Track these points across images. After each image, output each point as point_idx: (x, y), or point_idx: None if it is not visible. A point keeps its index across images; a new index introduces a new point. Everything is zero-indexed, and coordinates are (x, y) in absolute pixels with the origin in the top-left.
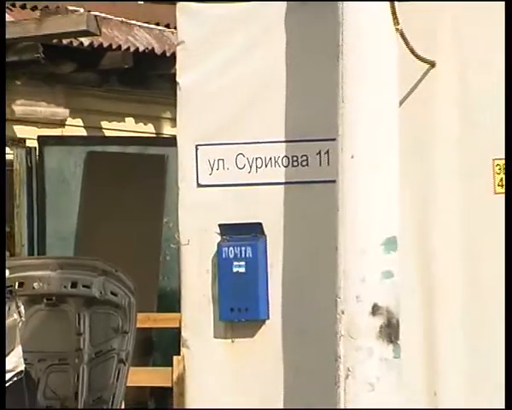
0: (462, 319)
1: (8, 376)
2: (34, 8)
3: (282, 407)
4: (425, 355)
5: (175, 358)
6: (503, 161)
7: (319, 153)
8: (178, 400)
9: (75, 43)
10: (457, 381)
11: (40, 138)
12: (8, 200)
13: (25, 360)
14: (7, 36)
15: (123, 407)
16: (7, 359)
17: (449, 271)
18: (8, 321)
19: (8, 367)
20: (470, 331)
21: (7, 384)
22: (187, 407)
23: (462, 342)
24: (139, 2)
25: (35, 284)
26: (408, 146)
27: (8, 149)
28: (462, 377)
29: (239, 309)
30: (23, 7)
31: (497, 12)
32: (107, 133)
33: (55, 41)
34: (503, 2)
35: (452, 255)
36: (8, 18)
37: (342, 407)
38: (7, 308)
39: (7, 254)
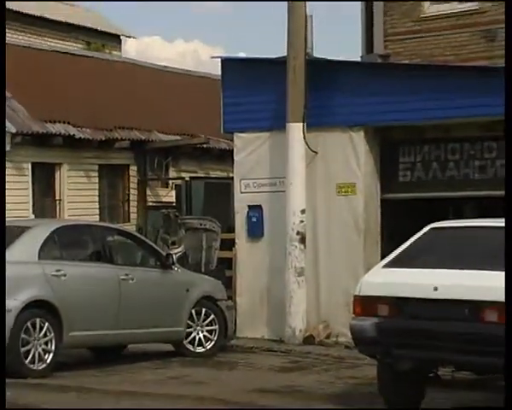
0: (325, 247)
1: (179, 254)
2: (192, 136)
3: None
4: (313, 252)
5: (233, 248)
6: (341, 184)
7: (281, 181)
8: (235, 260)
9: (200, 146)
10: (323, 267)
11: (190, 178)
12: (177, 203)
13: (185, 249)
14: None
15: (215, 264)
16: (179, 249)
17: (321, 229)
18: (179, 236)
19: (179, 250)
20: (328, 259)
21: (179, 257)
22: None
23: (326, 259)
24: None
25: (187, 224)
26: (299, 182)
27: (179, 181)
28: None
29: (254, 233)
30: (192, 135)
31: (341, 144)
32: (211, 175)
33: (193, 145)
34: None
35: (323, 223)
36: (176, 138)
37: (289, 266)
38: (181, 230)
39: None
